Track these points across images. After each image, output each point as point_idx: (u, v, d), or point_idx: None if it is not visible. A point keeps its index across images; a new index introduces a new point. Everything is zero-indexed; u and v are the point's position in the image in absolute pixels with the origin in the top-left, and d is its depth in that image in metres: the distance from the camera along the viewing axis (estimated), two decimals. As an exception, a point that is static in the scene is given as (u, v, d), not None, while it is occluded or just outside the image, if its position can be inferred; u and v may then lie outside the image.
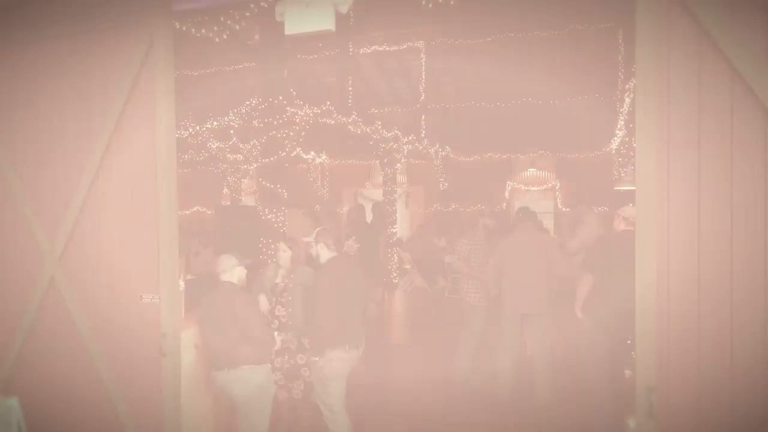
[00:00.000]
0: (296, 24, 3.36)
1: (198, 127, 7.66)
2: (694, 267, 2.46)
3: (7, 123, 3.93)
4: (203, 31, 4.99)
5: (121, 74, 3.59)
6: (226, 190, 14.16)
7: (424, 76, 13.26)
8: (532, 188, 14.64)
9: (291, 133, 7.22)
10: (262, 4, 3.75)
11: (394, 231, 12.32)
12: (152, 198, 3.59)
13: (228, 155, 11.93)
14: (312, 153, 13.59)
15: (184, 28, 4.78)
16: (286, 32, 3.40)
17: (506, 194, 14.36)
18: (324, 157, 14.42)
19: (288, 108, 6.94)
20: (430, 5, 5.62)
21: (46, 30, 3.71)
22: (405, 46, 12.97)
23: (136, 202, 3.65)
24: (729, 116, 2.42)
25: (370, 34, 12.17)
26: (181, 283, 3.80)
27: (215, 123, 7.54)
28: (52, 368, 3.86)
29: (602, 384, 4.35)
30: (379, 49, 12.82)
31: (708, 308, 2.46)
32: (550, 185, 14.26)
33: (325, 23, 3.32)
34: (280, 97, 6.64)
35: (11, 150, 3.92)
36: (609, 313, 4.17)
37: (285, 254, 4.50)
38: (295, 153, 9.38)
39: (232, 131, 9.49)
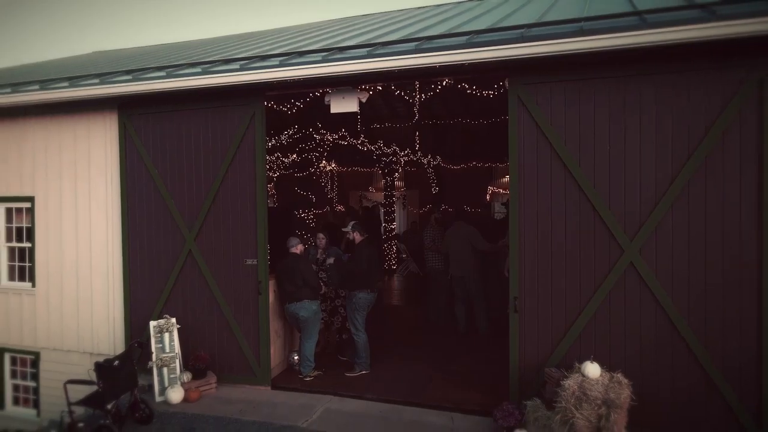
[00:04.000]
0: (336, 107, 6.01)
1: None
2: (534, 238, 5.13)
3: (162, 162, 6.59)
4: (281, 107, 7.64)
5: (236, 131, 6.25)
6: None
7: (418, 99, 15.58)
8: (509, 192, 17.08)
9: (317, 154, 9.85)
10: (317, 93, 6.40)
11: (393, 227, 14.86)
12: (252, 199, 6.22)
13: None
14: (323, 162, 16.10)
15: (269, 105, 7.44)
16: (332, 111, 6.05)
17: (487, 197, 16.78)
18: (333, 165, 16.84)
19: (315, 135, 9.60)
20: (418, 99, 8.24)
21: (198, 103, 6.36)
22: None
23: (242, 202, 6.28)
24: (549, 174, 5.06)
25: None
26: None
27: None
28: (189, 301, 6.52)
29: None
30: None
31: (542, 252, 5.11)
32: (524, 189, 16.63)
33: (353, 107, 5.96)
34: (311, 129, 9.30)
35: (167, 179, 6.57)
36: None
37: (323, 240, 7.22)
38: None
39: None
